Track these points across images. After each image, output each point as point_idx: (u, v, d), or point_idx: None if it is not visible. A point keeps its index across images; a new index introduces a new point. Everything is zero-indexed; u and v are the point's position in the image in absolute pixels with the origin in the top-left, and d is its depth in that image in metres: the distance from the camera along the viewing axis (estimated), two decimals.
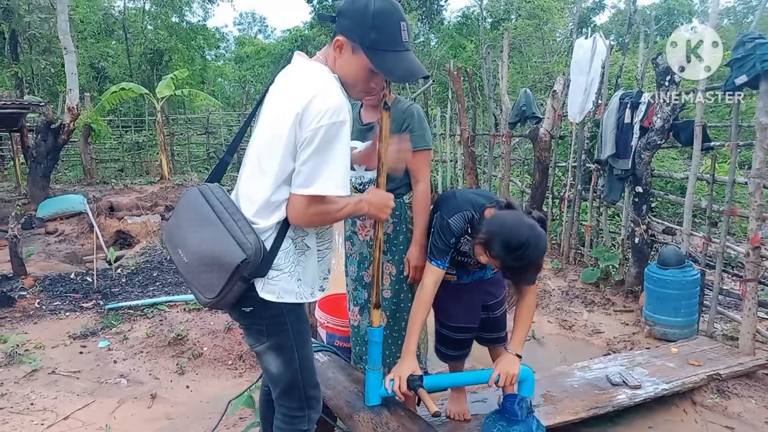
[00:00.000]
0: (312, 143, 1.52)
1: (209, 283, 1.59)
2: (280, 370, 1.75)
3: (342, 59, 1.63)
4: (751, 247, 3.33)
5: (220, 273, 1.56)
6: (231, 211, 1.61)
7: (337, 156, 1.55)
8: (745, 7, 26.48)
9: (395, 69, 1.60)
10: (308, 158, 1.53)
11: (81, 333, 4.00)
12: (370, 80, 1.65)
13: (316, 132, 1.51)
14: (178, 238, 1.67)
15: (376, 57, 1.58)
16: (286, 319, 1.71)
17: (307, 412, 1.82)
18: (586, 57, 5.25)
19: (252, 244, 1.55)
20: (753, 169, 3.31)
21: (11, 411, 3.02)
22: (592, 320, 4.35)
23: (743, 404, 2.99)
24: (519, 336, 2.18)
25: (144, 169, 15.95)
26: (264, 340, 1.72)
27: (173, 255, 1.69)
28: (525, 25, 18.72)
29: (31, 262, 5.91)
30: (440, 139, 9.13)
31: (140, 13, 22.14)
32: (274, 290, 1.65)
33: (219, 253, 1.56)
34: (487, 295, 2.46)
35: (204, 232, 1.60)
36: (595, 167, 5.30)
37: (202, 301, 1.65)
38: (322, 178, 1.54)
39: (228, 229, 1.57)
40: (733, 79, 3.43)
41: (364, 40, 1.57)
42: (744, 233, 5.62)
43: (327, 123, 1.51)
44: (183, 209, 1.70)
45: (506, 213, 2.03)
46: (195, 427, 2.88)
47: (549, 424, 2.52)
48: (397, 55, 1.60)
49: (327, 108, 1.51)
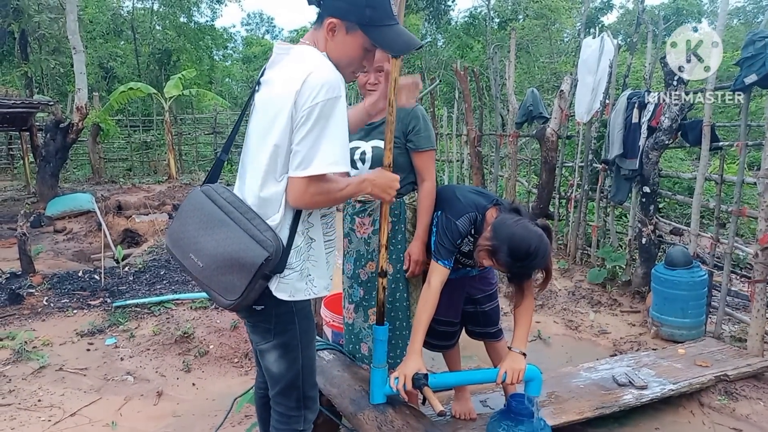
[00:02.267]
0: (308, 121, 1.50)
1: (231, 285, 1.56)
2: (282, 369, 1.73)
3: (335, 41, 1.61)
4: (760, 247, 3.30)
5: (242, 273, 1.54)
6: (242, 210, 1.59)
7: (335, 132, 1.52)
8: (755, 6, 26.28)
9: (394, 42, 1.61)
10: (305, 137, 1.50)
11: (88, 330, 4.03)
12: (363, 59, 1.66)
13: (312, 109, 1.49)
14: (187, 243, 1.63)
15: (375, 33, 1.59)
16: (295, 318, 1.69)
17: (303, 412, 1.81)
18: (594, 57, 5.23)
19: (272, 241, 1.54)
20: (762, 169, 3.28)
21: (19, 407, 3.05)
22: (598, 321, 4.33)
23: (751, 406, 2.96)
24: (521, 334, 2.18)
25: (152, 169, 16.04)
26: (270, 338, 1.70)
27: (184, 260, 1.64)
28: (532, 25, 18.64)
29: (39, 260, 5.96)
30: (447, 139, 9.11)
31: (149, 14, 22.24)
32: (287, 289, 1.63)
33: (239, 254, 1.53)
34: (473, 289, 2.50)
35: (218, 234, 1.57)
36: (602, 167, 5.27)
37: (222, 304, 1.61)
38: (320, 156, 1.50)
39: (243, 228, 1.55)
40: (742, 78, 3.41)
41: (362, 18, 1.57)
42: (752, 234, 5.57)
43: (323, 99, 1.49)
44: (189, 212, 1.66)
45: (514, 221, 2.00)
46: (201, 425, 2.90)
47: (555, 423, 2.51)
48: (392, 29, 1.61)
49: (323, 84, 1.49)
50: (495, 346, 2.62)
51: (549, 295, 4.86)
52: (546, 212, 6.07)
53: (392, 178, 1.77)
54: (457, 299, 2.49)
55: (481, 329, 2.60)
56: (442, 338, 2.59)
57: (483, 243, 2.01)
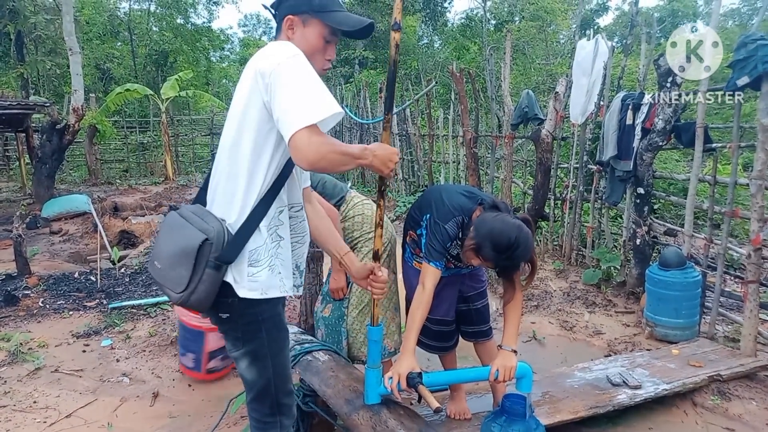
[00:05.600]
0: (277, 83, 1.49)
1: (179, 276, 1.59)
2: (254, 376, 1.76)
3: (296, 37, 1.69)
4: (753, 248, 3.33)
5: (186, 262, 1.56)
6: (199, 213, 1.65)
7: (311, 81, 1.50)
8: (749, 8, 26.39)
9: (346, 21, 1.70)
10: (281, 99, 1.48)
11: (84, 332, 4.03)
12: (326, 49, 1.72)
13: (277, 72, 1.49)
14: (154, 253, 1.72)
15: (328, 17, 1.68)
16: (262, 327, 1.70)
17: (278, 419, 1.82)
18: (589, 58, 5.25)
19: (213, 228, 1.57)
20: (755, 170, 3.31)
21: (14, 409, 3.05)
22: (593, 321, 4.35)
23: (744, 406, 2.98)
24: (511, 331, 2.21)
25: (148, 170, 16.01)
26: (240, 346, 1.72)
27: (152, 270, 1.73)
28: (528, 26, 18.71)
29: (35, 261, 5.95)
30: (443, 140, 9.14)
31: (145, 15, 22.24)
32: (257, 287, 1.62)
33: (183, 244, 1.59)
34: (464, 287, 2.54)
35: (172, 235, 1.65)
36: (596, 169, 5.30)
37: (173, 298, 1.63)
38: (307, 106, 1.45)
39: (193, 224, 1.61)
40: (735, 80, 3.43)
41: (312, 5, 1.67)
42: (746, 235, 5.61)
43: (283, 59, 1.51)
44: (162, 230, 1.75)
45: (492, 217, 2.07)
46: (196, 426, 2.90)
47: (548, 423, 2.52)
48: (342, 13, 1.72)
49: (280, 51, 1.54)
50: (485, 345, 2.67)
51: (544, 296, 4.88)
52: (541, 213, 6.10)
53: (392, 151, 1.69)
54: (450, 296, 2.52)
55: (475, 328, 2.64)
56: (439, 338, 2.62)
57: (468, 243, 2.09)
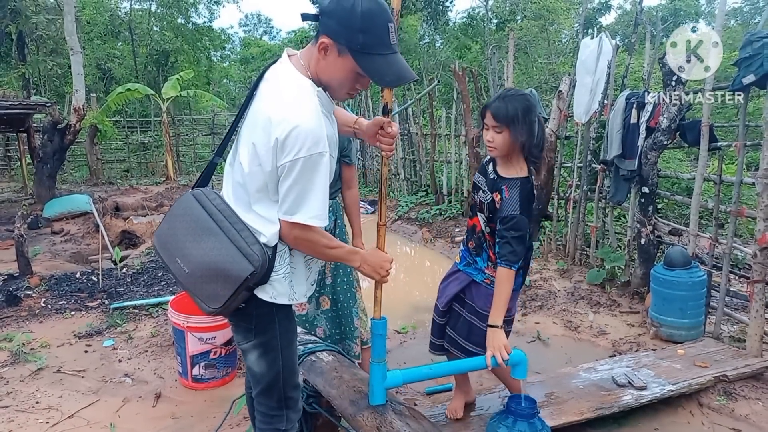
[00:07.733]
0: (291, 174, 1.51)
1: (214, 293, 1.59)
2: (263, 368, 1.75)
3: (327, 61, 1.55)
4: (759, 248, 3.30)
5: (226, 285, 1.56)
6: (232, 221, 1.59)
7: (316, 187, 1.54)
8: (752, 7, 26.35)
9: (385, 73, 1.53)
10: (290, 189, 1.53)
11: (86, 332, 4.02)
12: (356, 82, 1.59)
13: (295, 163, 1.49)
14: (175, 247, 1.64)
15: (365, 61, 1.51)
16: (275, 318, 1.71)
17: (285, 412, 1.82)
18: (592, 57, 5.22)
19: (259, 256, 1.54)
20: (760, 169, 3.28)
21: (17, 409, 3.04)
22: (597, 321, 4.32)
23: (750, 406, 2.96)
24: (497, 305, 2.18)
25: (149, 170, 15.99)
26: (251, 338, 1.72)
27: (170, 264, 1.67)
28: (530, 25, 18.65)
29: (37, 261, 5.94)
30: (445, 140, 9.11)
31: (146, 15, 22.21)
32: (269, 290, 1.65)
33: (225, 266, 1.54)
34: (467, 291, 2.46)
35: (206, 243, 1.57)
36: (600, 168, 5.27)
37: (204, 310, 1.65)
38: (305, 209, 1.55)
39: (231, 239, 1.55)
40: (740, 78, 3.41)
41: (352, 43, 1.48)
42: (751, 234, 5.58)
43: (305, 155, 1.48)
44: (178, 216, 1.66)
45: None
46: (199, 427, 2.88)
47: (554, 424, 2.51)
48: (385, 59, 1.52)
49: (305, 139, 1.48)
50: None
51: (548, 296, 4.86)
52: (545, 213, 6.07)
53: (384, 258, 1.77)
54: (450, 288, 2.51)
55: (451, 333, 2.51)
56: (436, 332, 2.60)
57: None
